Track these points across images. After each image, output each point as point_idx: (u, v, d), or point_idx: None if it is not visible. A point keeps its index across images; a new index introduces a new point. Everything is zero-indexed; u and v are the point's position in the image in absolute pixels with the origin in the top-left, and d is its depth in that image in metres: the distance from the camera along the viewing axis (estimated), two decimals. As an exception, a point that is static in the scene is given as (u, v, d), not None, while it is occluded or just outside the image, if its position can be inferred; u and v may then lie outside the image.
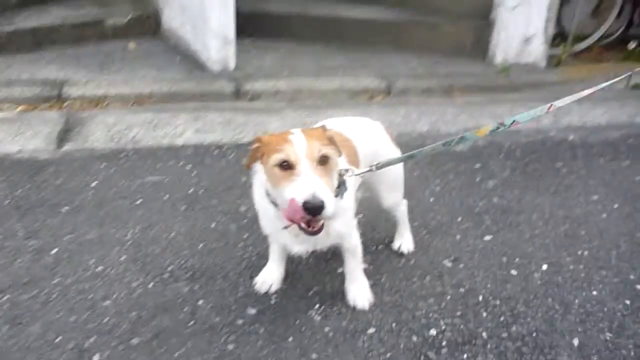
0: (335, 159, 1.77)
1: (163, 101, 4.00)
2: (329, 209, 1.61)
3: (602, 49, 5.86)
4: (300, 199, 1.60)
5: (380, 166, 2.01)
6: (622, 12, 5.77)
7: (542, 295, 2.29)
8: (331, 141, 1.78)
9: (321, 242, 1.97)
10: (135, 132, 3.48)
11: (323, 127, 1.84)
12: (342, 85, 4.31)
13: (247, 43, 4.96)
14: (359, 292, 2.17)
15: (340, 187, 1.84)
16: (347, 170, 1.88)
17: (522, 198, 3.02)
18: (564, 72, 4.96)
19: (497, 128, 1.99)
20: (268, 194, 1.86)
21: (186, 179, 3.00)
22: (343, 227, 1.97)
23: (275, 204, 1.84)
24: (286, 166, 1.67)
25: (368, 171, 1.99)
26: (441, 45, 5.13)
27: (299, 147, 1.68)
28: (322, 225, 1.71)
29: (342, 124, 2.12)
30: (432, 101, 4.37)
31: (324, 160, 1.70)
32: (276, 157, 1.67)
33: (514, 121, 1.98)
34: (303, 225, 1.68)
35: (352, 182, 1.99)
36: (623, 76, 2.27)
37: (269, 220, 1.98)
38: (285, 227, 1.83)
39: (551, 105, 2.02)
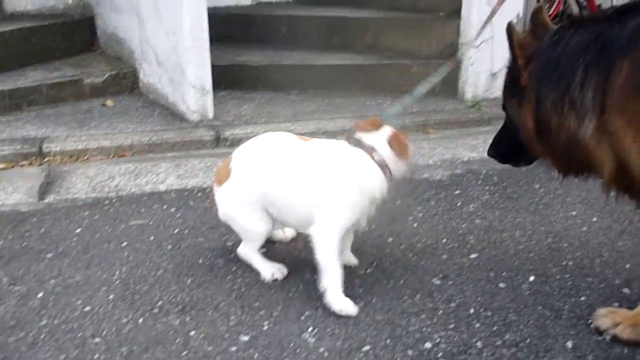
0: None
1: (144, 152, 4.03)
2: None
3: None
4: None
5: None
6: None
7: (532, 304, 2.31)
8: None
9: None
10: (117, 181, 3.49)
11: None
12: (320, 127, 4.39)
13: (224, 94, 5.07)
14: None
15: None
16: None
17: (503, 218, 3.08)
18: (532, 104, 5.12)
19: None
20: None
21: (171, 220, 3.00)
22: None
23: None
24: None
25: None
26: (412, 86, 5.20)
27: None
28: None
29: None
30: (408, 137, 4.47)
31: None
32: None
33: None
34: None
35: None
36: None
37: None
38: None
39: None
